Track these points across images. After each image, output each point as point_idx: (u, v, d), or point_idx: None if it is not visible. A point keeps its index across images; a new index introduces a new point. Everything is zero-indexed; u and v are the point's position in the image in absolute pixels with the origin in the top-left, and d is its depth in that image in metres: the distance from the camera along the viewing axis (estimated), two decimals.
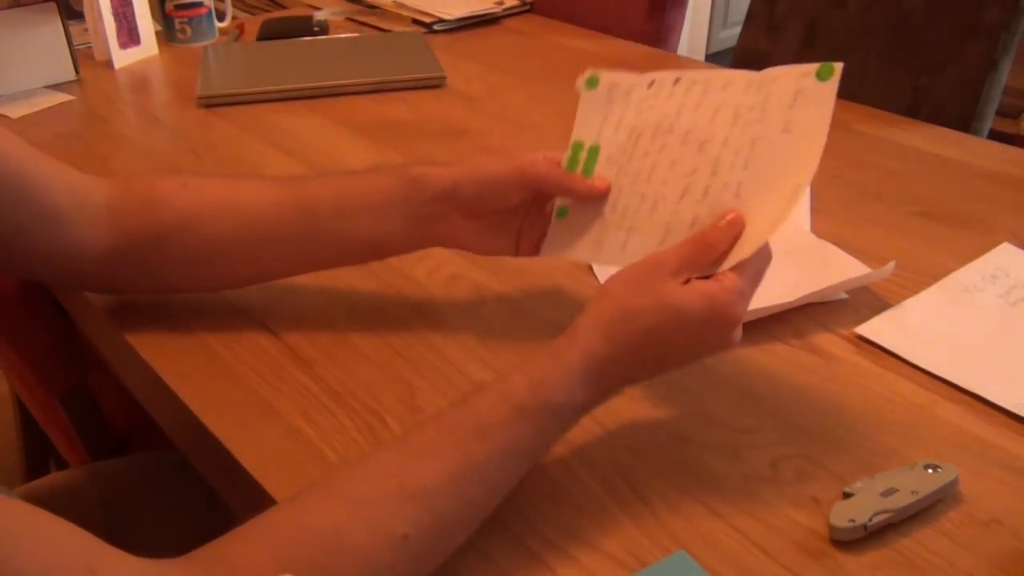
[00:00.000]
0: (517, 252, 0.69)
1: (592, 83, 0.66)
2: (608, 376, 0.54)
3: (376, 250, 0.70)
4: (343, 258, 0.71)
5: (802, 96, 0.57)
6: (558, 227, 0.66)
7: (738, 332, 0.55)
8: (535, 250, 0.68)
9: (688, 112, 0.62)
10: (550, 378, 0.52)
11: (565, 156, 0.65)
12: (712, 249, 0.56)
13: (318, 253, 0.69)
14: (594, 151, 0.65)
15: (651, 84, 0.64)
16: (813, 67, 0.57)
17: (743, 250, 0.55)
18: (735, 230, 0.56)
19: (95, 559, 0.41)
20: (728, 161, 0.59)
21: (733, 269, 0.55)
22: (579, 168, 0.65)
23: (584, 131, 0.66)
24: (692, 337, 0.54)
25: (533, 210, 0.67)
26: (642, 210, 0.61)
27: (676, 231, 0.60)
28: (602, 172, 0.64)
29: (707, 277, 0.55)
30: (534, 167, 0.64)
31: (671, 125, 0.62)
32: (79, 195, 0.67)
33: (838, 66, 0.56)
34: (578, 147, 0.65)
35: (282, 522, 0.47)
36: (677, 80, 0.63)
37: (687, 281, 0.54)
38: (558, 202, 0.66)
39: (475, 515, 0.51)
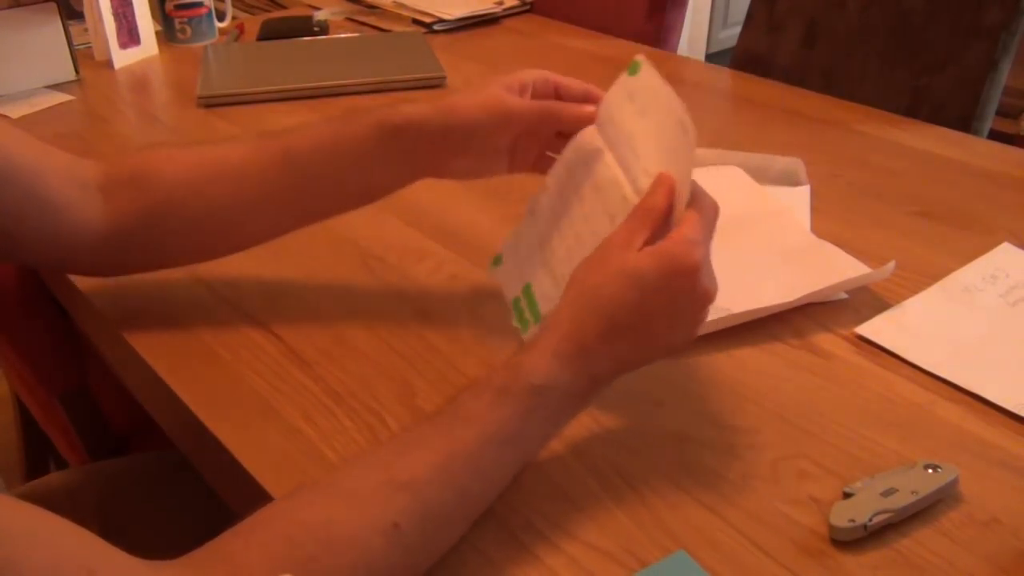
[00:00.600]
0: (510, 170, 0.70)
1: (497, 262, 0.71)
2: (589, 354, 0.53)
3: (367, 194, 0.70)
4: (336, 206, 0.71)
5: (635, 94, 0.62)
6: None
7: (709, 281, 0.54)
8: (530, 167, 0.70)
9: (568, 191, 0.65)
10: (526, 361, 0.53)
11: (512, 319, 0.68)
12: (653, 211, 0.55)
13: (311, 204, 0.70)
14: (527, 289, 0.67)
15: (532, 212, 0.68)
16: (623, 74, 0.63)
17: (681, 199, 0.56)
18: (665, 187, 0.56)
19: (95, 560, 0.41)
20: (621, 171, 0.62)
21: (679, 223, 0.55)
22: (526, 313, 0.66)
23: (512, 289, 0.69)
24: (662, 300, 0.53)
25: (524, 134, 0.68)
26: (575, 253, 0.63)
27: None
28: (546, 292, 0.65)
29: None
30: (509, 111, 0.65)
31: (566, 207, 0.65)
32: (70, 178, 0.67)
33: (639, 57, 0.62)
34: (516, 302, 0.68)
35: (276, 518, 0.48)
36: (544, 188, 0.67)
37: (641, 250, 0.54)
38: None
39: (468, 505, 0.51)
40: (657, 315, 0.54)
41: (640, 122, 0.61)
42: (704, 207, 0.55)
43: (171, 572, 0.44)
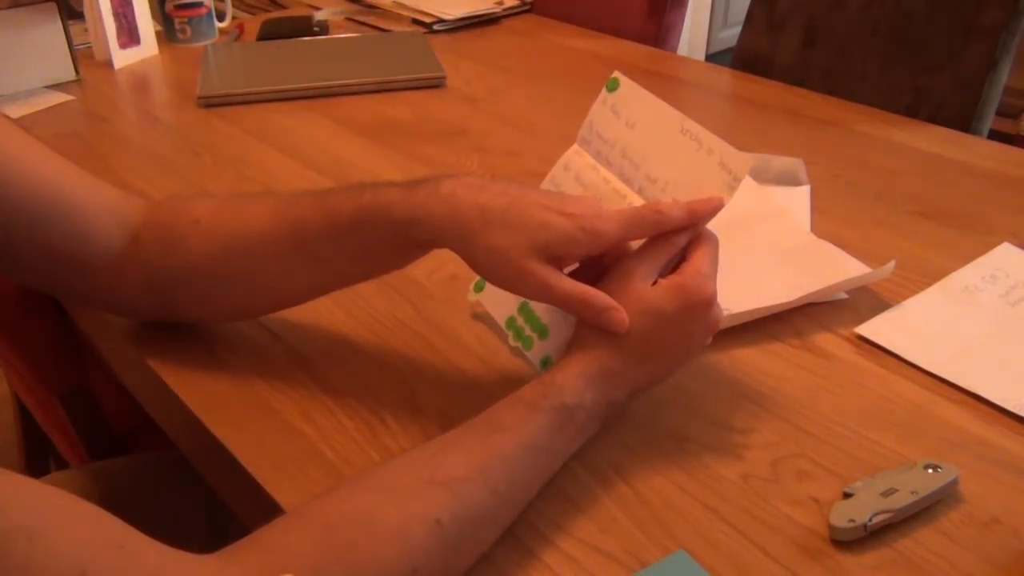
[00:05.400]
0: None
1: (479, 287, 0.69)
2: (612, 379, 0.56)
3: (379, 272, 0.66)
4: (347, 282, 0.66)
5: (618, 108, 0.64)
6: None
7: (717, 311, 0.58)
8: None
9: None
10: (557, 381, 0.55)
11: (509, 336, 0.66)
12: (674, 246, 0.58)
13: (324, 276, 0.65)
14: (523, 308, 0.65)
15: None
16: (603, 92, 0.65)
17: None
18: (691, 218, 0.57)
19: (124, 537, 0.42)
20: (622, 183, 0.63)
21: (689, 256, 0.58)
22: (526, 330, 0.65)
23: (504, 310, 0.67)
24: (678, 331, 0.57)
25: None
26: None
27: None
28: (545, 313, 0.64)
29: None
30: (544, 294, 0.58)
31: None
32: (115, 216, 0.66)
33: (615, 74, 0.65)
34: (511, 322, 0.66)
35: (317, 510, 0.48)
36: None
37: (654, 282, 0.57)
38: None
39: (502, 508, 0.52)
40: (672, 344, 0.58)
41: (631, 133, 0.63)
42: (708, 238, 0.58)
43: (207, 563, 0.44)
